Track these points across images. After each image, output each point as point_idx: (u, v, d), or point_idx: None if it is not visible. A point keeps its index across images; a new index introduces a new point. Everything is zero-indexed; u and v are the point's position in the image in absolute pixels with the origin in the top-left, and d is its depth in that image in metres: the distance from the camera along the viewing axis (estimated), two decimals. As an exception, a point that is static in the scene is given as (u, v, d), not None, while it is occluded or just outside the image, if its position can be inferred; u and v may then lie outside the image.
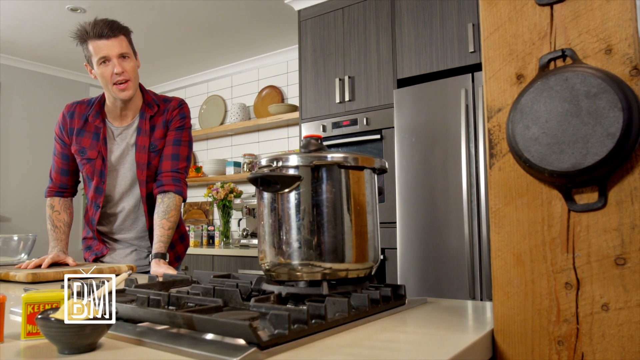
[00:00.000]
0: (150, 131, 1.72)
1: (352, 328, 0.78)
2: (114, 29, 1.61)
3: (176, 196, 1.69)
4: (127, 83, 1.64)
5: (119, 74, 1.61)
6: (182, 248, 1.88)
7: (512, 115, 0.72)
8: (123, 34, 1.64)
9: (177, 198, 1.69)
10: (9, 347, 0.71)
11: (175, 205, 1.68)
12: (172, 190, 1.68)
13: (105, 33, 1.59)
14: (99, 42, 1.60)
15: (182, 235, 1.90)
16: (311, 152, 0.91)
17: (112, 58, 1.61)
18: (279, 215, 0.91)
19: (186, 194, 1.75)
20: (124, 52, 1.63)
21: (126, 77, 1.63)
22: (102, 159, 1.72)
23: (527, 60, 0.77)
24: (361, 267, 0.92)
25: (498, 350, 0.77)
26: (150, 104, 1.75)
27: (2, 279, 1.53)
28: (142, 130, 1.72)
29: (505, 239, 0.77)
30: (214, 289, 0.98)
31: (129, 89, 1.65)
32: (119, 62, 1.61)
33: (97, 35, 1.60)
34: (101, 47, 1.60)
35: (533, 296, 0.74)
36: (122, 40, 1.63)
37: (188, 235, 1.96)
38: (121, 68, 1.61)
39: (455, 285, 2.36)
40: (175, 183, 1.70)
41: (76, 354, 0.66)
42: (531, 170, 0.71)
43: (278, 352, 0.64)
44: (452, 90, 2.45)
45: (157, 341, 0.69)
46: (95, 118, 1.73)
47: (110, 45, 1.60)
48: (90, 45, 1.62)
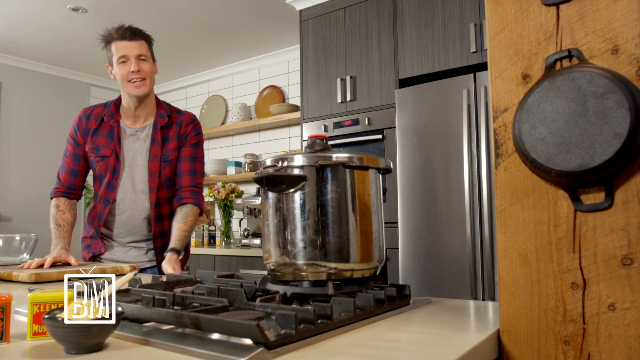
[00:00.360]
0: (162, 142, 1.82)
1: (357, 328, 0.78)
2: (136, 34, 1.75)
3: (194, 207, 1.81)
4: (143, 81, 1.75)
5: (136, 72, 1.73)
6: (183, 258, 1.91)
7: (519, 115, 0.72)
8: (144, 39, 1.78)
9: (195, 208, 1.82)
10: (16, 347, 0.71)
11: (193, 213, 1.80)
12: (190, 202, 1.81)
13: (127, 35, 1.73)
14: (121, 43, 1.73)
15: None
16: (317, 152, 0.91)
17: (131, 57, 1.73)
18: (284, 215, 0.91)
19: (203, 206, 1.88)
20: (142, 54, 1.75)
21: (142, 75, 1.75)
22: (116, 156, 1.79)
23: (533, 60, 0.77)
24: (366, 267, 0.92)
25: (504, 350, 0.77)
26: (162, 114, 1.85)
27: (4, 278, 1.53)
28: (155, 140, 1.82)
29: (511, 239, 0.77)
30: (218, 289, 0.98)
31: (144, 86, 1.76)
32: (137, 62, 1.73)
33: (120, 37, 1.73)
34: (122, 47, 1.73)
35: (539, 296, 0.74)
36: (142, 44, 1.76)
37: (189, 246, 2.01)
38: (138, 67, 1.73)
39: (457, 285, 2.36)
40: (194, 196, 1.83)
41: (83, 353, 0.66)
42: (538, 170, 0.71)
43: (285, 352, 0.64)
44: (454, 90, 2.45)
45: (164, 341, 0.69)
46: (110, 118, 1.82)
47: (130, 46, 1.73)
48: (113, 45, 1.75)
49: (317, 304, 0.74)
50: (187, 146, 1.85)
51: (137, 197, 1.80)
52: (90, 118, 1.83)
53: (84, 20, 3.61)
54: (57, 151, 4.64)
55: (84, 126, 1.83)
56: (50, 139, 4.62)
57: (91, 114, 1.84)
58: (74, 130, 1.85)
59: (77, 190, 1.88)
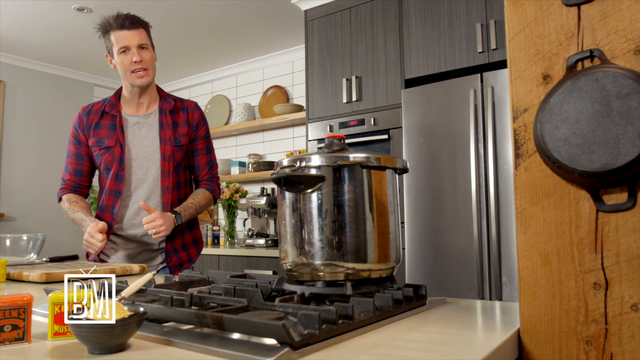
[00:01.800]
0: (173, 126, 1.83)
1: (377, 328, 0.78)
2: (135, 22, 1.73)
3: (206, 191, 1.88)
4: (145, 71, 1.75)
5: (138, 62, 1.73)
6: (194, 252, 1.90)
7: (541, 115, 0.72)
8: (143, 27, 1.76)
9: (207, 192, 1.88)
10: (37, 347, 0.72)
11: (204, 194, 1.86)
12: (204, 187, 1.89)
13: (126, 24, 1.71)
14: (121, 33, 1.72)
15: (197, 239, 1.93)
16: (334, 152, 0.91)
17: (132, 47, 1.72)
18: (302, 215, 0.91)
19: (217, 192, 1.93)
20: (143, 43, 1.75)
21: (144, 65, 1.75)
22: (121, 146, 1.78)
23: (553, 61, 0.77)
24: (383, 267, 0.92)
25: (524, 350, 0.77)
26: (167, 99, 1.87)
27: (15, 278, 1.53)
28: (164, 124, 1.82)
29: (532, 239, 0.77)
30: (234, 289, 0.98)
31: (147, 76, 1.76)
32: (138, 51, 1.73)
33: (119, 26, 1.71)
34: (122, 37, 1.72)
35: (560, 296, 0.74)
36: (141, 32, 1.75)
37: (202, 241, 1.99)
38: (140, 57, 1.73)
39: (464, 285, 2.36)
40: (209, 184, 1.91)
41: (106, 354, 0.66)
42: (560, 170, 0.71)
43: (309, 352, 0.64)
44: (460, 90, 2.45)
45: (186, 341, 0.69)
46: (111, 108, 1.82)
47: (130, 36, 1.72)
48: (112, 35, 1.73)
49: (339, 304, 0.74)
50: (200, 139, 1.88)
51: (142, 184, 1.78)
52: (91, 114, 1.82)
53: (89, 20, 3.61)
54: (60, 151, 4.64)
55: (84, 123, 1.82)
56: (54, 139, 4.62)
57: (91, 110, 1.84)
58: (74, 129, 1.85)
59: (83, 188, 1.88)
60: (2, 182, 4.28)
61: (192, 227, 1.90)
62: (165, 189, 1.78)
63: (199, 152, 1.87)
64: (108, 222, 1.78)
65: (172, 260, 1.80)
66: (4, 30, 3.78)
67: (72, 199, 1.83)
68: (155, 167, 1.78)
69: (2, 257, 1.77)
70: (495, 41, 2.45)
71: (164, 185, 1.78)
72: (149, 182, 1.78)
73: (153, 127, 1.81)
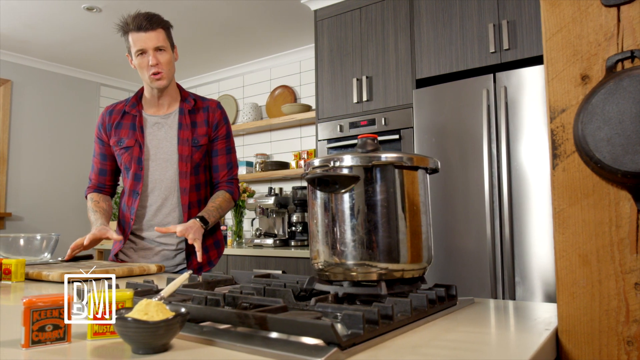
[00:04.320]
0: (192, 127, 1.81)
1: (414, 328, 0.78)
2: (153, 23, 1.70)
3: (225, 193, 1.85)
4: (160, 74, 1.73)
5: (154, 66, 1.71)
6: (215, 254, 1.89)
7: (582, 116, 0.72)
8: (161, 27, 1.73)
9: (226, 194, 1.85)
10: (78, 347, 0.72)
11: (224, 196, 1.83)
12: (223, 189, 1.86)
13: (143, 26, 1.68)
14: (138, 35, 1.69)
15: (218, 241, 1.91)
16: (369, 152, 0.91)
17: (149, 50, 1.70)
18: (334, 215, 0.91)
19: (237, 194, 1.89)
20: (159, 45, 1.72)
21: (160, 69, 1.73)
22: (140, 146, 1.78)
23: (592, 62, 0.77)
24: (416, 268, 0.92)
25: (563, 350, 0.77)
26: (187, 99, 1.85)
27: (34, 278, 1.53)
28: (184, 124, 1.80)
29: (570, 240, 0.77)
30: (264, 289, 0.99)
31: (162, 79, 1.74)
32: (154, 54, 1.71)
33: (136, 28, 1.69)
34: (139, 40, 1.70)
35: (600, 297, 0.74)
36: (159, 33, 1.72)
37: (224, 243, 1.98)
38: (155, 60, 1.71)
39: (477, 285, 2.36)
40: (228, 185, 1.87)
41: (151, 354, 0.66)
42: (602, 171, 0.71)
43: (356, 352, 0.64)
44: (473, 90, 2.45)
45: (228, 341, 0.69)
46: (132, 108, 1.82)
47: (147, 38, 1.69)
48: (130, 37, 1.71)
49: (378, 305, 0.74)
50: (220, 139, 1.86)
51: (161, 185, 1.77)
52: (113, 113, 1.83)
53: (98, 20, 3.62)
54: (67, 150, 4.66)
55: (107, 122, 1.82)
56: (61, 139, 4.63)
57: (113, 109, 1.84)
58: (98, 129, 1.86)
59: (108, 188, 1.88)
60: (9, 182, 4.28)
61: (213, 230, 1.88)
62: (183, 190, 1.77)
63: (218, 152, 1.85)
64: (127, 222, 1.78)
65: (193, 263, 1.80)
66: (13, 30, 3.79)
67: (95, 198, 1.83)
68: (173, 168, 1.77)
69: (18, 257, 1.77)
70: (507, 41, 2.45)
71: (181, 187, 1.77)
72: (167, 183, 1.77)
73: (172, 128, 1.80)
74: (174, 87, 1.85)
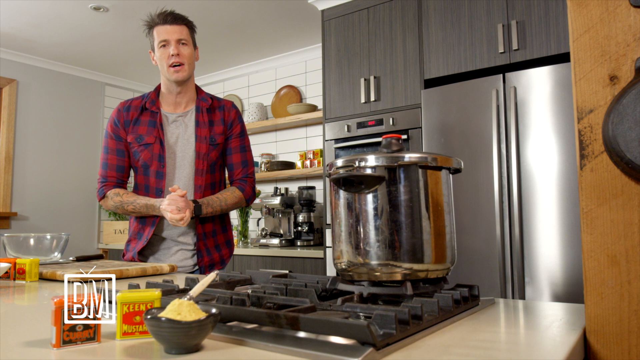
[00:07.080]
0: (209, 125, 1.82)
1: (442, 328, 0.78)
2: (177, 18, 1.77)
3: (236, 189, 1.85)
4: (181, 66, 1.75)
5: (175, 56, 1.73)
6: (227, 253, 1.90)
7: (612, 116, 0.72)
8: (185, 24, 1.79)
9: (237, 190, 1.85)
10: (109, 346, 0.72)
11: (233, 192, 1.83)
12: (236, 186, 1.86)
13: (168, 20, 1.75)
14: (162, 27, 1.75)
15: (229, 241, 1.92)
16: (394, 152, 0.91)
17: (171, 41, 1.74)
18: (358, 215, 0.91)
19: (249, 192, 1.87)
20: (182, 38, 1.76)
21: (181, 60, 1.75)
22: (160, 143, 1.77)
23: (621, 62, 0.77)
24: (440, 268, 0.92)
25: (591, 351, 0.77)
26: (204, 98, 1.86)
27: (48, 278, 1.53)
28: (201, 122, 1.81)
29: (599, 240, 0.77)
30: (286, 289, 0.99)
31: (182, 71, 1.76)
32: (177, 46, 1.74)
33: (161, 21, 1.75)
34: (163, 31, 1.76)
35: (629, 297, 0.74)
36: (183, 28, 1.77)
37: (234, 243, 1.98)
38: (177, 50, 1.74)
39: (486, 285, 2.36)
40: (241, 183, 1.88)
41: (183, 354, 0.66)
42: (632, 171, 0.72)
43: (390, 352, 0.64)
44: (482, 90, 2.45)
45: (260, 341, 0.69)
46: (151, 105, 1.82)
47: (170, 30, 1.74)
48: (155, 30, 1.76)
49: (407, 305, 0.75)
50: (235, 137, 1.87)
51: (182, 183, 1.78)
52: (130, 110, 1.81)
53: (105, 20, 3.62)
54: (73, 150, 4.66)
55: (124, 118, 1.80)
56: (66, 138, 4.63)
57: (130, 105, 1.83)
58: (114, 124, 1.81)
59: (125, 185, 1.87)
60: (15, 181, 4.28)
61: (225, 229, 1.89)
62: (198, 188, 1.77)
63: (232, 150, 1.86)
64: (151, 220, 1.78)
65: (204, 260, 1.80)
66: (20, 30, 3.79)
67: (121, 192, 1.80)
68: (189, 166, 1.78)
69: (28, 256, 1.77)
70: (517, 42, 2.44)
71: (196, 184, 1.77)
72: (183, 181, 1.78)
73: (189, 125, 1.81)
74: (192, 85, 1.85)
